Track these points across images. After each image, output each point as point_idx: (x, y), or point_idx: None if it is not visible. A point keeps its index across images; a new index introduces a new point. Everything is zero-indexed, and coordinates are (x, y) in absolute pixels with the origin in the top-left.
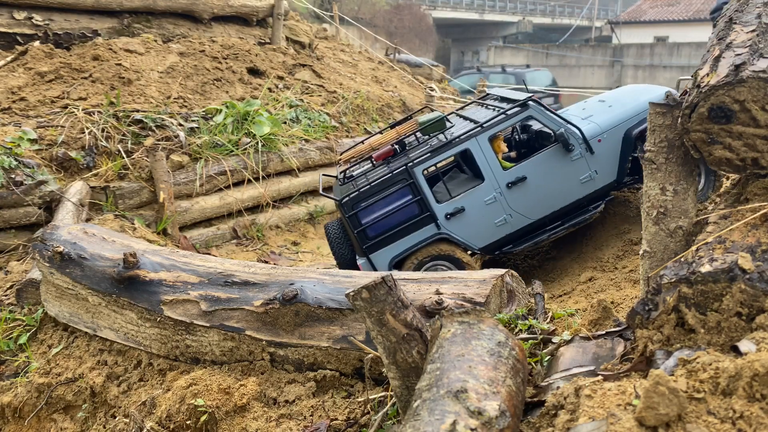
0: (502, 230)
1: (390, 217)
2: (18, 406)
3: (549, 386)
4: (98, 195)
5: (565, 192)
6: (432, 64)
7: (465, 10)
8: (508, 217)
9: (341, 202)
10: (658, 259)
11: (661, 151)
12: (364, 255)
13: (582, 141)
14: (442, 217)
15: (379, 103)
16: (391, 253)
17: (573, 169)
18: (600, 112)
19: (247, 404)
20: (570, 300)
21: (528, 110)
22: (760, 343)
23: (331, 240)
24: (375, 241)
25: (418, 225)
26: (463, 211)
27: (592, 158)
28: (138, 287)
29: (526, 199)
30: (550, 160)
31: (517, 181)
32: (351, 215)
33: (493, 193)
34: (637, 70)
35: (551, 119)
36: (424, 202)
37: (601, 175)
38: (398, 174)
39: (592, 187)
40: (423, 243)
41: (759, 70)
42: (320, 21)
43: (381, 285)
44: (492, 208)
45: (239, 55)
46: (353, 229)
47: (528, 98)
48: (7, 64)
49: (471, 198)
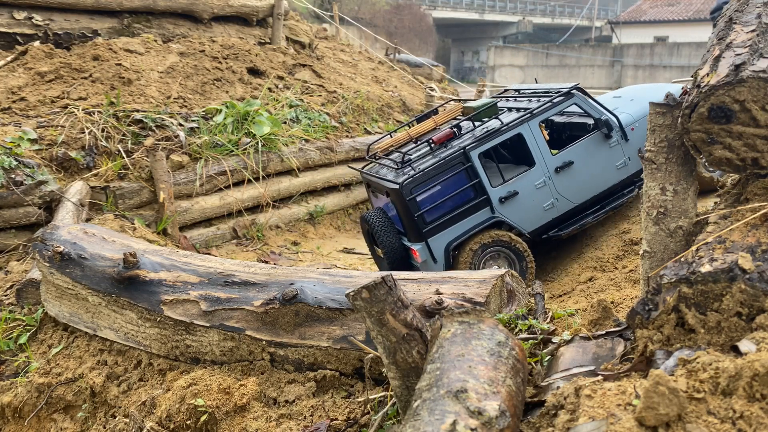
0: (550, 214)
1: (447, 201)
2: (18, 406)
3: (549, 386)
4: (98, 195)
5: (604, 177)
6: (432, 64)
7: (465, 10)
8: (555, 201)
9: (401, 185)
10: (658, 259)
11: (661, 151)
12: (422, 240)
13: (619, 128)
14: (497, 201)
15: (379, 103)
16: (449, 237)
17: (611, 155)
18: (626, 105)
19: (247, 404)
20: (570, 300)
21: (573, 98)
22: (760, 343)
23: (376, 229)
24: (432, 225)
25: (474, 209)
26: (516, 195)
27: (626, 145)
28: (138, 287)
29: (571, 183)
30: (592, 146)
31: (565, 165)
32: (410, 199)
33: (543, 178)
34: (637, 70)
35: (594, 107)
36: (481, 185)
37: (633, 161)
38: (456, 157)
39: (625, 172)
40: (479, 227)
41: (759, 70)
42: (320, 21)
43: (381, 285)
44: (541, 192)
45: (239, 55)
46: (412, 213)
47: (573, 86)
48: (7, 64)
49: (523, 182)
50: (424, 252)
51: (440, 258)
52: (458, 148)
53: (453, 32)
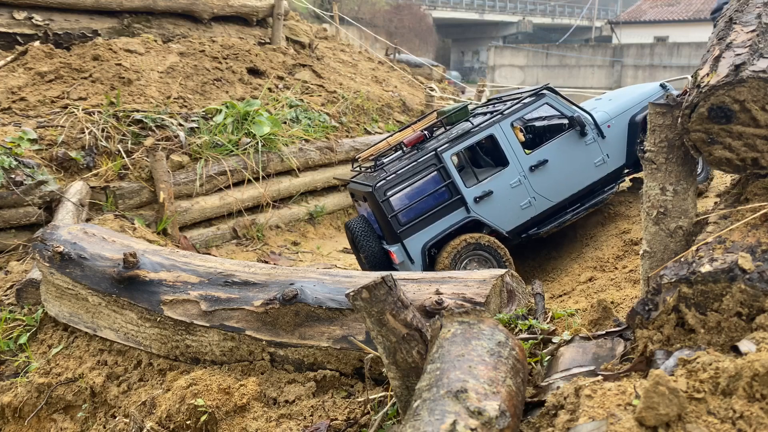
0: (527, 213)
1: (421, 202)
2: (18, 406)
3: (549, 386)
4: (98, 195)
5: (582, 175)
6: (432, 64)
7: (465, 10)
8: (532, 199)
9: (374, 188)
10: (658, 259)
11: (661, 151)
12: (397, 241)
13: (594, 126)
14: (471, 201)
15: (379, 103)
16: (425, 238)
17: (588, 153)
18: (604, 104)
19: (247, 404)
20: (570, 300)
21: (544, 98)
22: (760, 343)
23: (357, 235)
24: (408, 226)
25: (448, 209)
26: (491, 195)
27: (603, 143)
28: (138, 287)
29: (548, 182)
30: (567, 144)
31: (539, 164)
32: (384, 201)
33: (517, 176)
34: (637, 70)
35: (566, 106)
36: (454, 185)
37: (612, 158)
38: (428, 159)
39: (605, 170)
40: (454, 226)
41: (759, 70)
42: (320, 21)
43: (381, 285)
44: (517, 191)
45: (239, 55)
46: (386, 215)
47: (544, 86)
48: (7, 64)
49: (497, 181)
50: (400, 253)
51: (417, 258)
52: (430, 149)
53: (453, 32)
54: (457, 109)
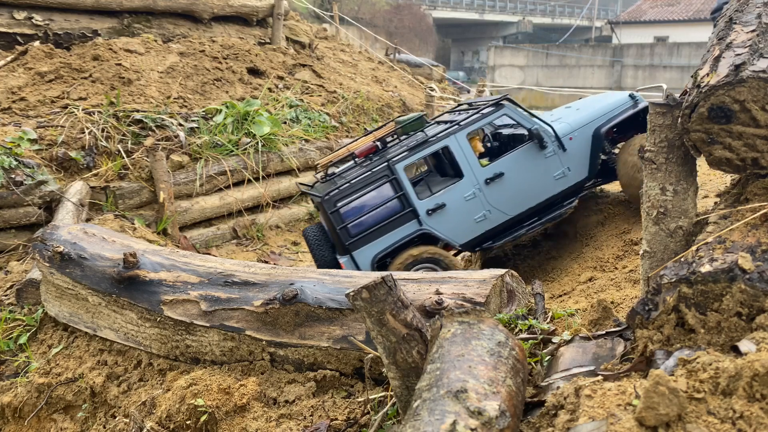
0: (482, 226)
1: (372, 214)
2: (18, 406)
3: (549, 386)
4: (98, 195)
5: (541, 188)
6: (432, 64)
7: (465, 10)
8: (487, 213)
9: (323, 198)
10: (658, 259)
11: (661, 151)
12: (347, 253)
13: (554, 138)
14: (424, 213)
15: (379, 103)
16: (375, 250)
17: (547, 165)
18: (569, 115)
19: (247, 404)
20: (570, 300)
21: (503, 109)
22: (760, 343)
23: (311, 244)
24: (357, 238)
25: (400, 221)
26: (444, 207)
27: (564, 155)
28: (138, 287)
29: (503, 195)
30: (526, 157)
31: (495, 177)
32: (333, 212)
33: (472, 189)
34: (637, 70)
35: (525, 117)
36: (406, 197)
37: (573, 171)
38: (380, 170)
39: (565, 183)
40: (406, 239)
41: (759, 70)
42: (320, 21)
43: (381, 285)
44: (471, 204)
45: (239, 55)
46: (336, 226)
47: (503, 97)
48: (7, 64)
49: (451, 194)
50: (349, 264)
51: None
52: (383, 161)
53: (453, 32)
54: (412, 119)
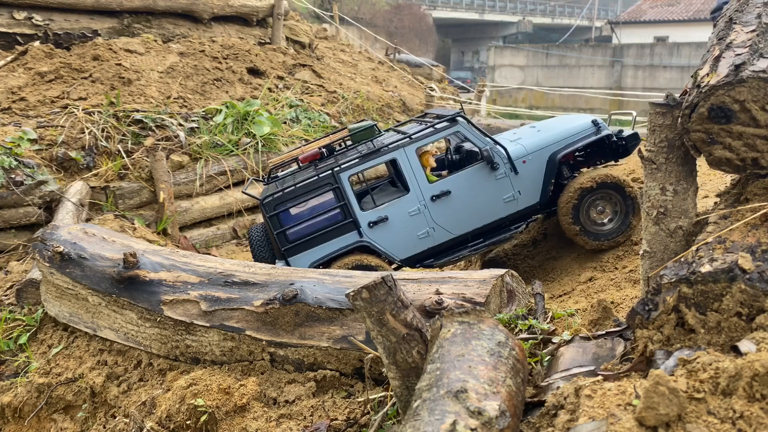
0: (425, 243)
1: (312, 221)
2: (18, 406)
3: (549, 386)
4: (98, 195)
5: (488, 209)
6: (432, 64)
7: (465, 10)
8: (430, 230)
9: (263, 201)
10: (658, 259)
11: (661, 151)
12: (283, 258)
13: (507, 160)
14: (365, 225)
15: (379, 103)
16: (311, 258)
17: (497, 187)
18: (528, 136)
19: (247, 404)
20: (570, 300)
21: (456, 126)
22: (760, 343)
23: (253, 244)
24: (295, 244)
25: (340, 231)
26: (387, 221)
27: (516, 178)
28: (138, 287)
29: (449, 213)
30: (475, 176)
31: (442, 194)
32: (272, 216)
33: (417, 205)
34: (637, 70)
35: (478, 136)
36: (348, 208)
37: (524, 195)
38: (324, 178)
39: (514, 207)
40: (344, 249)
41: (759, 70)
42: (320, 21)
43: (381, 285)
44: (415, 219)
45: (239, 55)
46: (273, 230)
47: (456, 113)
48: (7, 64)
49: (395, 208)
50: None
51: None
52: (327, 168)
53: (453, 32)
54: (362, 127)
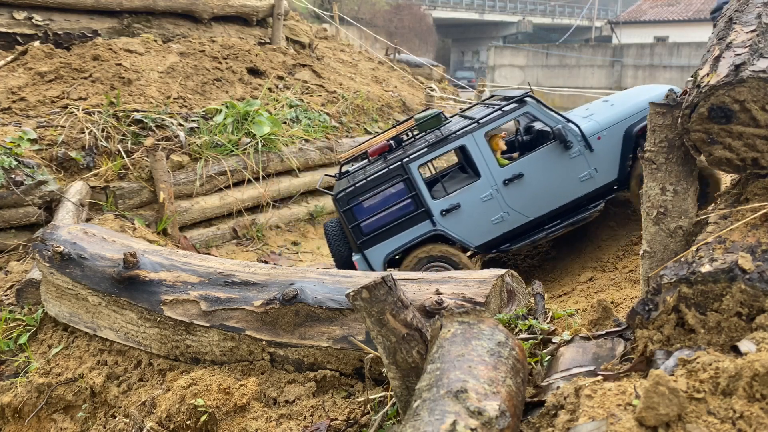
0: (500, 228)
1: (385, 213)
2: (18, 406)
3: (549, 386)
4: (98, 195)
5: (564, 190)
6: (432, 64)
7: (465, 10)
8: (505, 214)
9: (336, 197)
10: (658, 259)
11: (661, 151)
12: (359, 251)
13: (581, 138)
14: (438, 214)
15: (379, 103)
16: (386, 249)
17: (572, 166)
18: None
19: (247, 404)
20: (570, 300)
21: (525, 107)
22: (760, 343)
23: (329, 238)
24: (370, 236)
25: (413, 221)
26: (459, 208)
27: (591, 156)
28: (138, 287)
29: (523, 196)
30: (548, 157)
31: (514, 178)
32: (346, 210)
33: (489, 190)
34: (637, 70)
35: (549, 116)
36: (420, 197)
37: (601, 173)
38: (394, 169)
39: (591, 185)
40: (418, 239)
41: (759, 70)
42: (320, 21)
43: (381, 285)
44: (488, 205)
45: (239, 55)
46: (348, 224)
47: (525, 94)
48: (7, 64)
49: (467, 195)
50: (362, 263)
51: (378, 269)
52: (396, 160)
53: (453, 32)
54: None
